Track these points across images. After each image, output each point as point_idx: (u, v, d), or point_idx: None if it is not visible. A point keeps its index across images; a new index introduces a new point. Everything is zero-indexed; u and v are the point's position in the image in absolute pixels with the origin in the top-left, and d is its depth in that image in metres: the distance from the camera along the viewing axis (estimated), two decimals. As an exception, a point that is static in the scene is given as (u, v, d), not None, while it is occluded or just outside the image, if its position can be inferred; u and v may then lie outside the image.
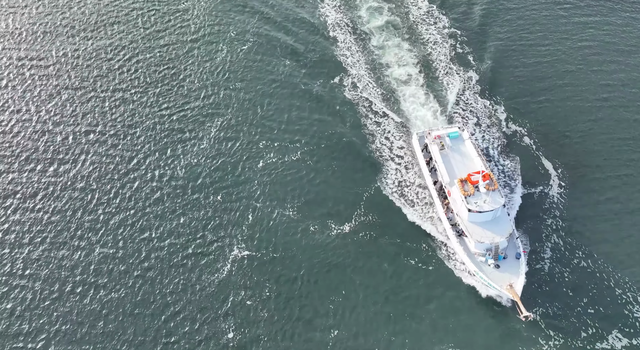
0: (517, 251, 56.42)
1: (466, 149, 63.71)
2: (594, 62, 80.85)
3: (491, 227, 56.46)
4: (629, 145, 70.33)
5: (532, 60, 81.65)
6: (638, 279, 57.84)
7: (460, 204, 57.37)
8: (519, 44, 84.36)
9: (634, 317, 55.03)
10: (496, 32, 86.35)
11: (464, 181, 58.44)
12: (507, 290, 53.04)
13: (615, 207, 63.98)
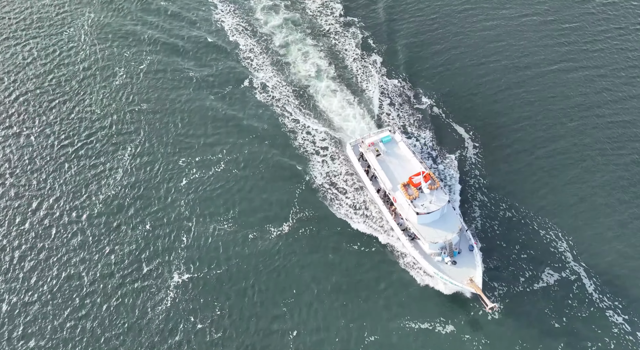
0: (469, 243, 57.47)
1: (401, 152, 64.06)
2: (476, 24, 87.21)
3: (441, 225, 57.21)
4: (522, 94, 76.91)
5: (427, 34, 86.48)
6: (555, 219, 63.53)
7: (408, 208, 57.57)
8: (413, 20, 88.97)
9: (560, 252, 60.45)
10: (390, 13, 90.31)
11: (406, 185, 58.53)
12: (468, 285, 53.85)
13: (523, 156, 69.78)
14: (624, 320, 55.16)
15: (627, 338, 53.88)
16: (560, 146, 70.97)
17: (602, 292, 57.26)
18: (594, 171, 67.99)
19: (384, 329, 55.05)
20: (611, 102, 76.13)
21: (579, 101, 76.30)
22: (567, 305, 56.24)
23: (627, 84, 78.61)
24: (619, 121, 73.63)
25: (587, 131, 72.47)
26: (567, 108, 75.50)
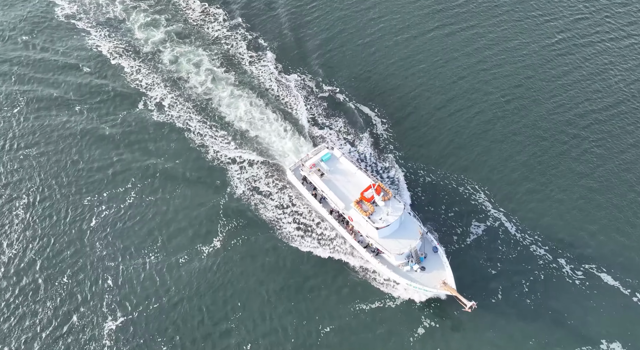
0: (432, 245, 57.47)
1: (344, 167, 62.11)
2: (357, 4, 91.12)
3: (403, 233, 56.42)
4: (412, 63, 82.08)
5: (311, 23, 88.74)
6: (468, 173, 68.53)
7: (366, 225, 56.35)
8: (294, 11, 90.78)
9: (480, 203, 65.27)
10: (272, 8, 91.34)
11: (360, 202, 56.95)
12: (442, 288, 53.69)
13: (426, 119, 74.37)
14: (545, 251, 60.83)
15: (551, 266, 59.49)
16: (457, 103, 76.57)
17: (522, 230, 62.66)
18: (490, 120, 74.16)
19: (339, 316, 55.91)
20: (491, 55, 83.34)
21: (464, 60, 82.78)
22: (497, 250, 60.84)
23: (500, 37, 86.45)
24: (501, 71, 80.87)
25: (476, 86, 78.84)
26: (455, 68, 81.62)
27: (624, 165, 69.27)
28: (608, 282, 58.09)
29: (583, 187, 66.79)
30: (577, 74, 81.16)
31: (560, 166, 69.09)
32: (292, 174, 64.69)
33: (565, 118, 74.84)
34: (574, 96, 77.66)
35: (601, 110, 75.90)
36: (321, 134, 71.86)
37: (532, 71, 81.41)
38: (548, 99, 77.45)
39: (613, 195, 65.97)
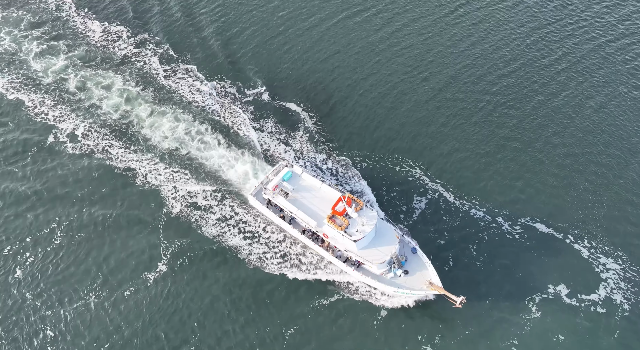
0: (410, 247, 57.31)
1: (308, 183, 60.70)
2: (272, 5, 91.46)
3: (381, 241, 55.69)
4: (323, 50, 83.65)
5: (217, 24, 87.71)
6: (400, 150, 70.90)
7: (343, 239, 55.58)
8: (199, 16, 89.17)
9: (417, 178, 68.03)
10: (172, 17, 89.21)
11: (332, 217, 55.86)
12: (430, 288, 53.71)
13: (348, 103, 76.25)
14: (484, 213, 64.37)
15: (492, 226, 63.08)
16: (377, 85, 79.21)
17: (460, 197, 65.88)
18: (411, 97, 77.54)
19: (301, 315, 55.80)
20: (400, 34, 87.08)
21: (376, 42, 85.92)
22: (442, 221, 63.47)
23: (405, 15, 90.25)
24: (413, 48, 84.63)
25: (392, 66, 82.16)
26: (369, 51, 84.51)
27: (538, 121, 74.84)
28: (543, 231, 62.50)
29: (506, 148, 71.40)
30: (483, 43, 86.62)
31: (482, 131, 73.36)
32: (255, 199, 61.85)
33: (480, 84, 79.72)
34: (482, 63, 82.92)
35: (509, 72, 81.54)
36: (254, 138, 71.26)
37: (441, 45, 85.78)
38: (461, 68, 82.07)
39: (532, 150, 71.10)
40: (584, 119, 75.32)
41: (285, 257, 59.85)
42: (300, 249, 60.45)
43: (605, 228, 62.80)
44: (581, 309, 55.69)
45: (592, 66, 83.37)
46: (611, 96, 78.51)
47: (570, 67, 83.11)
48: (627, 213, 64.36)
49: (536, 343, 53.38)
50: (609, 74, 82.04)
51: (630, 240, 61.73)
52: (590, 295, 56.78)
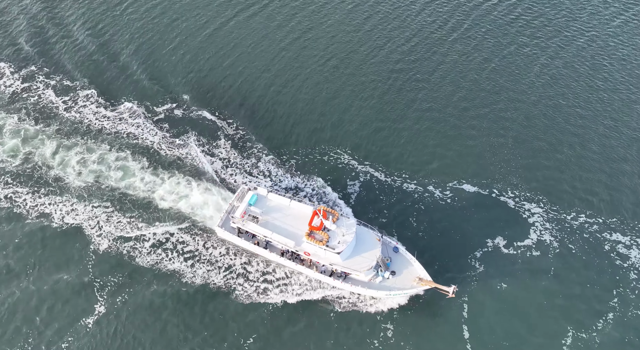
0: (392, 247, 57.06)
1: (276, 202, 58.60)
2: (146, 13, 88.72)
3: (363, 247, 54.93)
4: (223, 53, 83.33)
5: (112, 46, 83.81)
6: (325, 139, 72.12)
7: (326, 254, 54.25)
8: (84, 38, 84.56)
9: (347, 164, 69.54)
10: (60, 43, 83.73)
11: (311, 233, 54.18)
12: (420, 284, 53.72)
13: (263, 102, 75.99)
14: (414, 184, 67.28)
15: (425, 196, 66.14)
16: (284, 76, 79.87)
17: (389, 174, 68.28)
18: (320, 82, 79.16)
19: (255, 323, 55.21)
20: (297, 23, 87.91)
21: (275, 35, 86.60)
22: (379, 200, 65.38)
23: (299, 4, 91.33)
24: (313, 36, 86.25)
25: (296, 56, 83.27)
26: (270, 42, 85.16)
27: (445, 88, 79.29)
28: (470, 191, 66.51)
29: (422, 118, 75.00)
30: (383, 23, 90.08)
31: (397, 106, 76.51)
32: (223, 230, 59.13)
33: (386, 62, 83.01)
34: (385, 42, 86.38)
35: (412, 47, 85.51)
36: (178, 155, 69.06)
37: (343, 31, 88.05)
38: (366, 50, 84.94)
39: (446, 116, 75.35)
40: (486, 80, 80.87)
41: (229, 269, 58.78)
42: (245, 258, 59.58)
43: (523, 177, 68.04)
44: (518, 256, 60.06)
45: (483, 30, 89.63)
46: (505, 55, 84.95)
47: (464, 33, 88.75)
48: (540, 158, 70.14)
49: (484, 296, 56.72)
50: (500, 35, 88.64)
51: (546, 182, 67.41)
52: (524, 241, 61.38)
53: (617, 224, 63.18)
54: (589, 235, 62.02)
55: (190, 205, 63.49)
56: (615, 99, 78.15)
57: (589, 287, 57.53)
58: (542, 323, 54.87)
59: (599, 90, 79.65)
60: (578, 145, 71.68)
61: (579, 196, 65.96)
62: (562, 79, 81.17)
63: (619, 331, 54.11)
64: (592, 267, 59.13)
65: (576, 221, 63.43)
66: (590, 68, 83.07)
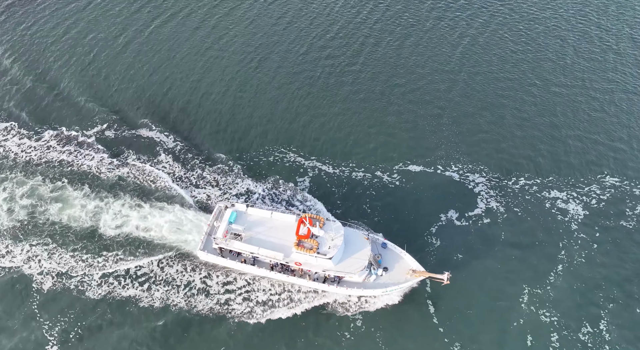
0: (380, 243, 56.94)
1: (257, 216, 57.21)
2: (74, 32, 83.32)
3: (353, 248, 54.61)
4: (148, 63, 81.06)
5: (43, 69, 77.66)
6: (268, 140, 71.63)
7: (317, 261, 53.55)
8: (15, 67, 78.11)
9: (292, 161, 69.45)
10: None
11: (299, 243, 53.43)
12: (415, 276, 54.17)
13: (200, 111, 74.56)
14: (362, 172, 68.62)
15: (374, 181, 67.72)
16: (211, 80, 78.86)
17: (337, 165, 69.13)
18: (248, 81, 78.72)
19: (230, 335, 54.21)
20: (215, 25, 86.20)
21: (195, 39, 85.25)
22: (331, 193, 65.96)
23: (215, 7, 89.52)
24: (233, 38, 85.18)
25: (220, 59, 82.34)
26: (191, 48, 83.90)
27: (371, 71, 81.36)
28: (416, 170, 68.78)
29: (354, 102, 76.41)
30: (301, 16, 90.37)
31: (328, 94, 77.76)
32: (206, 253, 56.84)
33: (311, 53, 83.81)
34: (308, 34, 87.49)
35: (333, 36, 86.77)
36: (120, 174, 65.64)
37: (263, 28, 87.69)
38: (290, 43, 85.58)
39: (377, 98, 77.41)
40: (408, 58, 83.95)
41: (189, 286, 56.97)
42: (204, 272, 57.90)
43: (463, 150, 71.33)
44: (471, 226, 63.08)
45: (399, 12, 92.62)
46: (422, 32, 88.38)
47: (383, 15, 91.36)
48: (475, 130, 73.93)
49: (444, 270, 58.16)
50: (415, 14, 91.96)
51: (484, 152, 71.23)
52: (474, 211, 64.52)
53: (553, 182, 68.04)
54: (530, 196, 66.30)
55: (144, 227, 60.68)
56: (543, 59, 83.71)
57: (537, 245, 61.60)
58: (500, 287, 57.99)
59: (519, 52, 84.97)
60: (509, 113, 76.20)
61: (515, 161, 70.26)
62: (484, 49, 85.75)
63: (568, 281, 58.46)
64: (537, 226, 63.32)
65: (517, 185, 67.55)
66: (509, 34, 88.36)
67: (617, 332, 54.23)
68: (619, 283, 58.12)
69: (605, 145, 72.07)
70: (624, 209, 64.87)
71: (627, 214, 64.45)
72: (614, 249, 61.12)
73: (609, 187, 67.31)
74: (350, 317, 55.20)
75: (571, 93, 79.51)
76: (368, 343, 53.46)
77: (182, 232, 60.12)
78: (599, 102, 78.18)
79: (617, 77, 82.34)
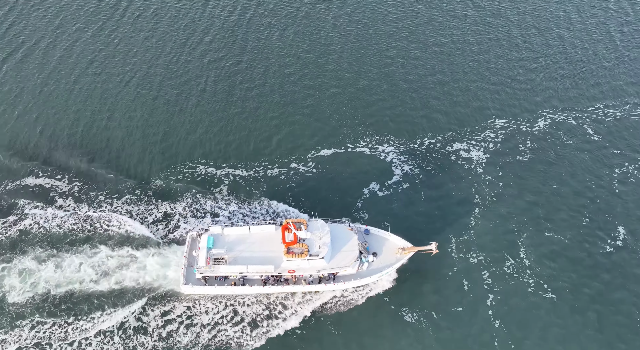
0: (364, 230, 57.74)
1: (235, 235, 55.61)
2: None
3: (340, 242, 55.07)
4: (65, 90, 74.40)
5: None
6: (175, 158, 69.38)
7: (310, 264, 53.60)
8: None
9: (206, 173, 67.82)
10: None
11: (289, 250, 52.69)
12: (405, 253, 55.90)
13: (86, 141, 70.51)
14: (278, 167, 69.15)
15: (291, 174, 68.49)
16: (85, 111, 74.71)
17: (249, 167, 68.99)
18: (119, 101, 75.75)
19: None
20: (66, 58, 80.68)
21: (51, 68, 79.49)
22: (253, 194, 65.43)
23: (60, 35, 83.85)
24: (107, 56, 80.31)
25: (92, 86, 78.01)
26: (47, 79, 78.07)
27: (253, 64, 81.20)
28: (328, 154, 70.82)
29: (248, 102, 76.74)
30: (165, 20, 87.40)
31: (220, 96, 76.92)
32: (191, 287, 54.25)
33: (188, 59, 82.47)
34: (178, 39, 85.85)
35: (208, 44, 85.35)
36: (20, 230, 59.76)
37: (126, 45, 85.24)
38: (163, 52, 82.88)
39: (265, 90, 78.00)
40: (292, 46, 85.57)
41: (122, 328, 53.60)
42: (134, 307, 54.41)
43: (366, 123, 74.52)
44: (391, 193, 66.40)
45: (270, 3, 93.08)
46: (299, 19, 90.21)
47: (256, 12, 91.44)
48: (372, 98, 77.46)
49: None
50: (288, 3, 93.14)
51: (385, 119, 75.22)
52: (392, 179, 67.90)
53: (453, 135, 73.65)
54: (436, 153, 71.21)
55: (51, 279, 55.64)
56: (417, 23, 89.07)
57: (454, 195, 66.57)
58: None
59: (394, 22, 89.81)
60: (399, 78, 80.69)
61: (415, 122, 74.93)
62: (361, 24, 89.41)
63: (486, 221, 64.04)
64: (449, 178, 68.34)
65: (423, 146, 72.12)
66: (374, 5, 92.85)
67: (534, 254, 60.58)
68: (526, 210, 64.90)
69: (488, 90, 79.39)
70: (517, 145, 72.18)
71: (520, 148, 71.80)
72: (516, 181, 67.97)
73: (500, 128, 74.34)
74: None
75: (448, 49, 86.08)
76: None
77: (110, 276, 56.14)
78: (473, 52, 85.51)
79: (480, 28, 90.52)
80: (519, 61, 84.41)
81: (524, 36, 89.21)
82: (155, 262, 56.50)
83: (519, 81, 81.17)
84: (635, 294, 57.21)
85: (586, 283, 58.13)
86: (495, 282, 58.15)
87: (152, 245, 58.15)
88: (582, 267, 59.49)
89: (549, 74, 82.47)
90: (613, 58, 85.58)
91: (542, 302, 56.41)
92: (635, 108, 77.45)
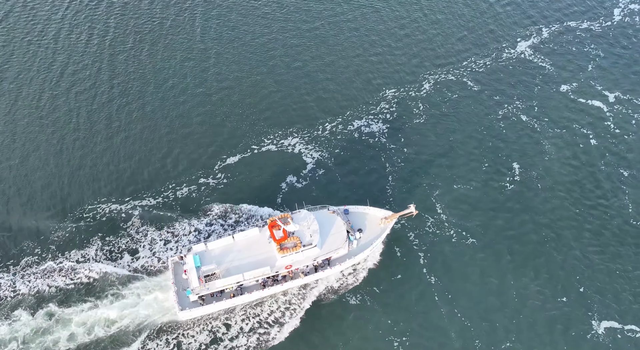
0: (343, 211, 59.50)
1: (221, 248, 55.37)
2: None
3: (327, 227, 56.75)
4: None
5: None
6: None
7: (305, 255, 54.91)
8: None
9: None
10: None
11: (282, 247, 53.73)
12: (388, 222, 58.49)
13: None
14: (186, 185, 66.53)
15: (202, 189, 66.09)
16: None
17: (155, 195, 65.70)
18: (10, 136, 68.74)
19: None
20: None
21: None
22: (167, 219, 62.16)
23: None
24: None
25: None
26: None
27: (117, 97, 77.21)
28: (234, 161, 69.79)
29: (132, 129, 73.05)
30: (18, 55, 79.86)
31: (97, 133, 72.74)
32: (189, 310, 53.05)
33: (52, 95, 76.52)
34: (31, 79, 79.35)
35: (65, 67, 79.12)
36: None
37: None
38: (22, 92, 74.95)
39: (145, 115, 74.59)
40: (164, 60, 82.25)
41: None
42: None
43: (262, 118, 74.08)
44: (311, 183, 67.28)
45: (129, 20, 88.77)
46: (163, 31, 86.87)
47: (113, 31, 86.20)
48: (261, 91, 77.28)
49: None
50: (146, 17, 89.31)
51: (279, 110, 75.57)
52: (307, 168, 68.74)
53: (351, 114, 75.96)
54: (341, 135, 73.06)
55: None
56: (290, 13, 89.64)
57: (368, 170, 69.22)
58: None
59: (263, 15, 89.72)
60: (286, 68, 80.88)
61: (313, 109, 76.01)
62: (228, 24, 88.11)
63: (400, 185, 67.13)
64: (360, 157, 70.75)
65: (326, 131, 73.56)
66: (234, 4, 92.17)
67: (448, 207, 64.91)
68: (432, 166, 69.30)
69: (370, 64, 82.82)
70: (411, 109, 76.48)
71: (415, 112, 76.18)
72: (418, 142, 72.51)
73: (392, 98, 78.11)
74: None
75: (323, 31, 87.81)
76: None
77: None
78: (346, 30, 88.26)
79: (346, 7, 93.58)
80: (387, 32, 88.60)
81: (388, 8, 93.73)
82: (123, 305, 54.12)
83: (394, 49, 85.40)
84: (534, 221, 63.95)
85: (496, 218, 63.96)
86: (421, 242, 61.69)
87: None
88: (492, 208, 64.96)
89: (416, 38, 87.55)
90: (470, 11, 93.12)
91: (466, 249, 61.04)
92: (500, 54, 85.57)
